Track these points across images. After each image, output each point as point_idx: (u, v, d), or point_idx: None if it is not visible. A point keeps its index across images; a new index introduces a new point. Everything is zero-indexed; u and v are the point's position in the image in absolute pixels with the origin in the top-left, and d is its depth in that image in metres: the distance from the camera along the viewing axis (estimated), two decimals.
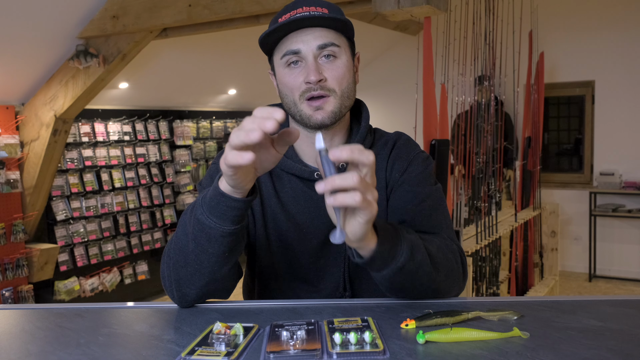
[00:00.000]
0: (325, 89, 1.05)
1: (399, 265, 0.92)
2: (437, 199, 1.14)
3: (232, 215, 0.90)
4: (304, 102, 1.06)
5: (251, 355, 0.79)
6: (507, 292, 3.95)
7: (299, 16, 1.02)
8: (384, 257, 0.91)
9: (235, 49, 4.85)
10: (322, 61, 1.05)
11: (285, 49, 1.06)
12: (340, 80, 1.06)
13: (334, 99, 1.06)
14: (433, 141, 2.98)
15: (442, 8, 2.52)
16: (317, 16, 1.02)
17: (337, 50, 1.06)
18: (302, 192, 1.13)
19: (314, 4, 1.05)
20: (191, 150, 5.51)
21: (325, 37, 1.05)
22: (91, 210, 4.60)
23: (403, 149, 1.17)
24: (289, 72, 1.07)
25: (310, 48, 1.04)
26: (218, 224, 0.90)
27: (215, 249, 0.93)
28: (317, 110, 1.06)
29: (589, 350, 0.79)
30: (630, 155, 5.34)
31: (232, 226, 0.91)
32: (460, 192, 3.74)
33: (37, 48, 3.61)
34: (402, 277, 0.94)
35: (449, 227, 1.13)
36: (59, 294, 4.34)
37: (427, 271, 0.97)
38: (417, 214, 1.10)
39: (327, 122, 1.07)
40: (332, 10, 1.06)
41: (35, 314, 1.01)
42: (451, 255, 1.05)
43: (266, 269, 1.15)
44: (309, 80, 1.03)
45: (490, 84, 3.94)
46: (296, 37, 1.05)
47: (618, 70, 5.35)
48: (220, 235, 0.91)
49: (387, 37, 6.02)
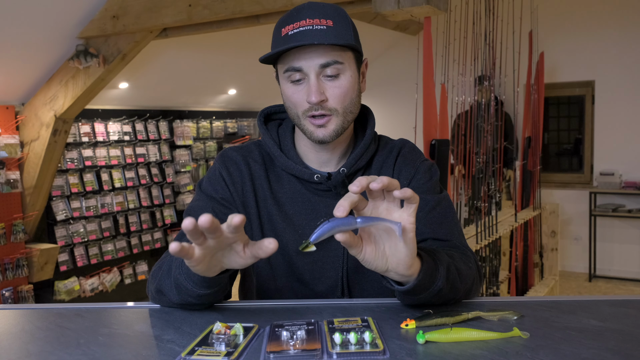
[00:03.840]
0: (326, 108, 1.04)
1: (437, 288, 0.92)
2: (446, 206, 1.14)
3: (207, 284, 0.91)
4: (306, 118, 1.06)
5: (251, 355, 0.79)
6: (507, 292, 3.94)
7: (300, 31, 1.01)
8: (425, 284, 0.90)
9: (235, 49, 4.85)
10: (325, 79, 1.04)
11: (288, 65, 1.04)
12: (343, 99, 1.05)
13: (335, 118, 1.06)
14: (433, 141, 2.98)
15: (442, 8, 2.52)
16: (319, 32, 1.00)
17: (341, 67, 1.04)
18: (301, 193, 1.13)
19: (319, 14, 1.02)
20: (191, 150, 5.51)
21: (328, 55, 1.02)
22: (91, 210, 4.60)
23: (408, 156, 1.17)
24: (292, 88, 1.06)
25: (312, 66, 1.02)
26: (194, 287, 0.92)
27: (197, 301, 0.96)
28: (319, 128, 1.06)
29: (589, 350, 0.79)
30: (630, 155, 5.34)
31: (208, 290, 0.93)
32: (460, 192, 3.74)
33: (37, 48, 3.61)
34: (435, 299, 0.94)
35: (460, 234, 1.13)
36: (59, 294, 4.34)
37: (457, 288, 0.97)
38: (428, 222, 1.10)
39: (329, 139, 1.07)
40: (337, 21, 1.03)
41: (35, 314, 1.01)
42: (470, 264, 1.05)
43: (263, 270, 1.14)
44: (310, 101, 1.03)
45: (490, 84, 3.94)
46: (299, 54, 1.03)
47: (618, 70, 5.35)
48: (198, 295, 0.94)
49: (387, 37, 6.02)
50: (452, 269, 0.96)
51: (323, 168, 1.14)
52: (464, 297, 1.02)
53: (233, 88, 5.69)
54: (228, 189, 1.14)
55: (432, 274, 0.91)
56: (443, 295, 0.95)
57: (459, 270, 0.98)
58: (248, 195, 1.13)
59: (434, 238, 1.09)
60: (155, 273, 1.04)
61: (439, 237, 1.10)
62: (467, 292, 1.02)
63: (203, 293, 0.93)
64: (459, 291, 0.98)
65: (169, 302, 1.00)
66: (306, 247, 0.81)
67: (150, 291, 1.05)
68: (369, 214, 0.85)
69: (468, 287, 1.01)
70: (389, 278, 0.91)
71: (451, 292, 0.96)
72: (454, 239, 1.10)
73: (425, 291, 0.92)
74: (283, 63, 1.06)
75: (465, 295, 1.02)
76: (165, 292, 0.99)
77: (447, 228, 1.11)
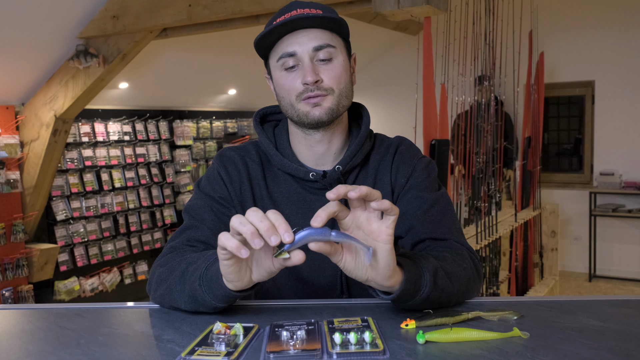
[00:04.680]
0: (322, 89, 1.05)
1: (424, 296, 0.92)
2: (444, 204, 1.14)
3: (227, 299, 0.92)
4: (301, 101, 1.06)
5: (251, 355, 0.79)
6: (507, 292, 3.94)
7: (293, 17, 1.02)
8: (410, 292, 0.90)
9: (235, 49, 4.85)
10: (318, 63, 1.05)
11: (281, 52, 1.05)
12: (338, 80, 1.06)
13: (331, 97, 1.06)
14: (433, 141, 2.98)
15: (442, 8, 2.52)
16: (312, 17, 1.02)
17: (333, 51, 1.05)
18: (296, 192, 1.13)
19: (308, 6, 1.05)
20: (191, 150, 5.51)
21: (321, 38, 1.04)
22: (91, 210, 4.60)
23: (406, 153, 1.17)
24: (285, 75, 1.06)
25: (306, 49, 1.04)
26: (213, 300, 0.92)
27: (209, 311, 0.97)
28: (315, 107, 1.05)
29: (589, 350, 0.79)
30: (630, 155, 5.34)
31: (226, 304, 0.94)
32: (460, 192, 3.75)
33: (37, 48, 3.61)
34: (426, 304, 0.94)
35: (458, 232, 1.13)
36: (59, 294, 4.34)
37: (448, 292, 0.96)
38: (426, 220, 1.10)
39: (325, 118, 1.06)
40: (326, 12, 1.05)
41: (35, 314, 1.01)
42: (465, 264, 1.04)
43: None
44: (306, 81, 1.03)
45: (490, 84, 3.94)
46: (291, 39, 1.04)
47: (618, 70, 5.35)
48: (214, 307, 0.94)
49: (387, 37, 6.02)
50: (441, 274, 0.95)
51: (319, 166, 1.14)
52: (461, 298, 1.02)
53: (233, 88, 5.69)
54: (226, 188, 1.14)
55: (416, 282, 0.90)
56: (434, 301, 0.94)
57: (449, 273, 0.97)
58: (246, 194, 1.14)
59: (432, 237, 1.09)
60: (161, 276, 1.02)
61: (437, 236, 1.09)
62: (464, 293, 1.01)
63: (220, 306, 0.93)
64: (452, 294, 0.97)
65: (174, 306, 0.99)
66: (279, 254, 0.81)
67: (152, 291, 1.05)
68: (350, 224, 0.85)
69: (463, 288, 1.00)
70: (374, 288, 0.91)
71: (442, 296, 0.95)
72: (452, 238, 1.10)
73: (412, 299, 0.91)
74: (276, 52, 1.07)
75: (462, 296, 1.01)
76: (174, 298, 0.98)
77: (446, 226, 1.11)
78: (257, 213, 0.82)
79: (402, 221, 1.11)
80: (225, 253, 0.84)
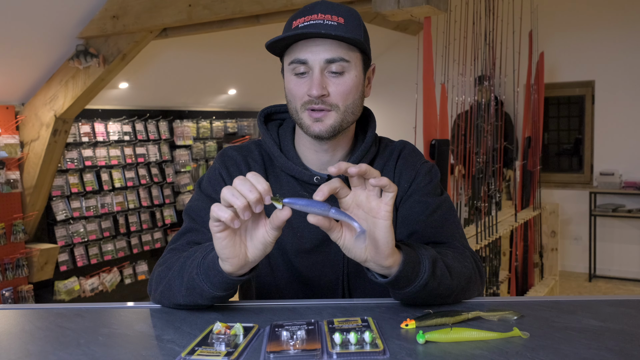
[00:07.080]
0: (327, 103, 1.03)
1: (422, 282, 0.92)
2: (447, 208, 1.13)
3: (225, 286, 0.92)
4: (305, 111, 1.04)
5: (251, 355, 0.79)
6: (507, 292, 3.94)
7: (310, 24, 1.00)
8: (408, 276, 0.91)
9: (235, 49, 4.85)
10: (329, 75, 1.03)
11: (294, 57, 1.03)
12: (345, 96, 1.04)
13: (335, 114, 1.04)
14: (433, 141, 2.98)
15: (442, 8, 2.52)
16: (329, 27, 1.00)
17: (346, 65, 1.03)
18: (299, 195, 1.11)
19: (331, 11, 1.02)
20: (191, 150, 5.51)
21: (335, 51, 1.01)
22: (91, 210, 4.60)
23: (409, 158, 1.16)
24: (295, 80, 1.05)
25: (318, 60, 1.01)
26: (211, 289, 0.93)
27: (207, 303, 0.97)
28: (316, 122, 1.04)
29: (589, 350, 0.79)
30: (630, 155, 5.34)
31: (224, 292, 0.94)
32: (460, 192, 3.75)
33: (37, 48, 3.61)
34: (424, 294, 0.94)
35: (461, 236, 1.13)
36: (59, 294, 4.34)
37: (447, 285, 0.96)
38: (429, 225, 1.10)
39: (325, 135, 1.05)
40: (348, 20, 1.03)
41: (35, 314, 1.01)
42: (467, 263, 1.04)
43: (263, 270, 1.14)
44: (311, 94, 1.02)
45: (490, 84, 3.94)
46: (305, 46, 1.02)
47: (618, 70, 5.35)
48: (212, 297, 0.95)
49: (387, 37, 6.02)
50: (440, 265, 0.95)
51: (323, 170, 1.13)
52: (461, 296, 1.02)
53: (233, 88, 5.69)
54: None
55: (414, 267, 0.91)
56: (431, 291, 0.94)
57: (449, 266, 0.97)
58: None
59: (435, 242, 1.09)
60: (161, 274, 1.03)
61: (439, 240, 1.09)
62: (463, 290, 1.01)
63: (217, 295, 0.93)
64: (451, 289, 0.98)
65: (173, 303, 1.00)
66: (277, 200, 0.84)
67: (152, 291, 1.05)
68: (350, 202, 0.88)
69: (463, 285, 1.00)
70: (372, 270, 0.91)
71: (441, 288, 0.95)
72: (454, 242, 1.10)
73: (410, 284, 0.92)
74: (289, 55, 1.05)
75: (462, 293, 1.01)
76: (174, 293, 0.98)
77: (449, 231, 1.11)
78: (245, 183, 0.83)
79: (405, 226, 1.11)
80: (218, 225, 0.85)
